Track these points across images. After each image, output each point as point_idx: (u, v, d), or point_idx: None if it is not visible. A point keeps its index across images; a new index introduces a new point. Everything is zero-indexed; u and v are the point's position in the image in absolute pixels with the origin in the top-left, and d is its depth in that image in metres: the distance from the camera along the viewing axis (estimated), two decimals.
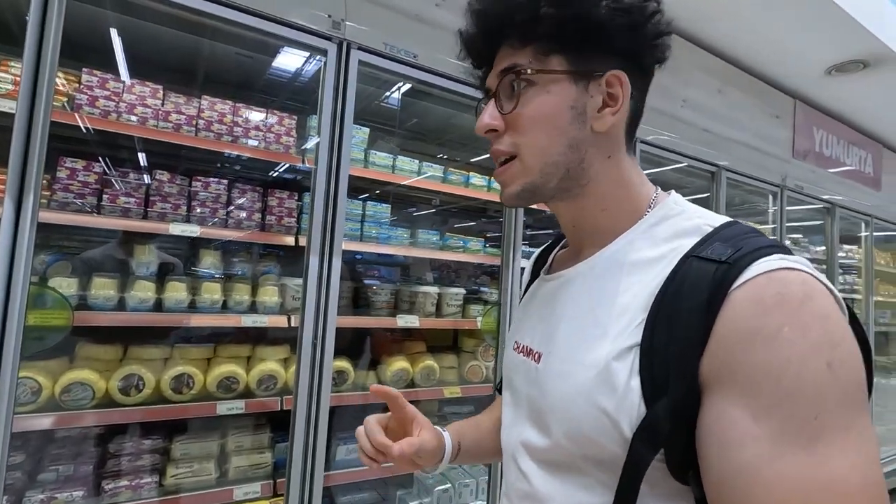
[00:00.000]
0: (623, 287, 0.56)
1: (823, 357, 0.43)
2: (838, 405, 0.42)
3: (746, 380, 0.45)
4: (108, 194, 1.71)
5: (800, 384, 0.43)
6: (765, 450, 0.43)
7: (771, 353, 0.44)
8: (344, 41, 1.76)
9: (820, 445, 0.42)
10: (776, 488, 0.42)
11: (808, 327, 0.44)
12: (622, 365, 0.52)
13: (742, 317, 0.46)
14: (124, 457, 1.74)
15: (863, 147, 4.26)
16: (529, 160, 0.60)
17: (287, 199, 2.01)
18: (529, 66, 0.58)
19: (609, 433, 0.52)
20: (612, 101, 0.59)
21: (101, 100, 1.67)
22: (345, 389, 2.05)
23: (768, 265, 0.47)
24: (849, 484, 0.41)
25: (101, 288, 1.65)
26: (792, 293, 0.45)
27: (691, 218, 0.58)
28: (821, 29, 2.79)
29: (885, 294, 4.73)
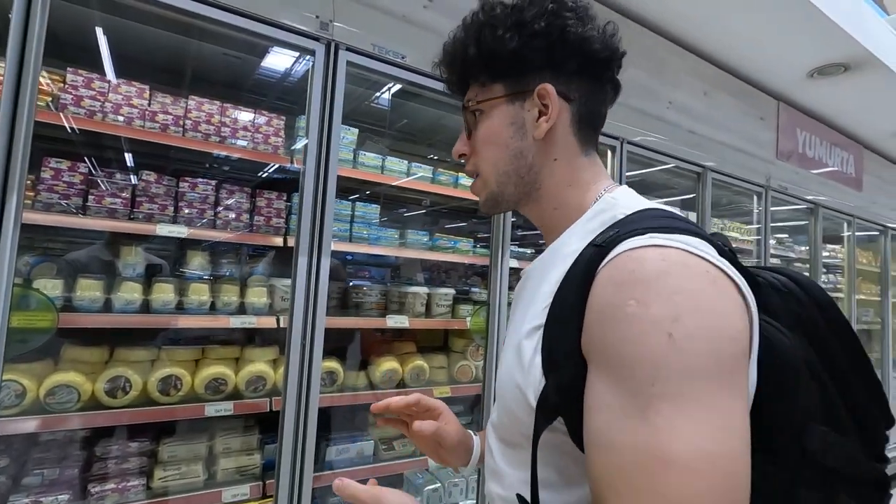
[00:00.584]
0: (547, 278, 0.61)
1: (664, 329, 0.44)
2: (679, 376, 0.43)
3: (601, 352, 0.48)
4: (93, 195, 1.70)
5: (640, 356, 0.45)
6: (611, 416, 0.46)
7: (617, 328, 0.47)
8: (332, 42, 1.76)
9: (654, 413, 0.43)
10: (615, 452, 0.45)
11: (651, 302, 0.45)
12: (529, 343, 0.58)
13: (601, 295, 0.49)
14: (111, 460, 1.72)
15: (844, 148, 4.34)
16: (486, 174, 0.70)
17: (276, 199, 2.00)
18: (476, 96, 0.69)
19: (523, 406, 0.57)
20: (545, 110, 0.66)
21: (87, 99, 1.66)
22: (334, 390, 2.05)
23: (631, 244, 0.50)
24: (675, 450, 0.42)
25: (86, 289, 1.63)
26: (645, 270, 0.47)
27: (617, 208, 0.61)
28: (803, 32, 2.84)
29: (867, 293, 4.82)
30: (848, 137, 4.39)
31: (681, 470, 0.42)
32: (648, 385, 0.44)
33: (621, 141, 2.59)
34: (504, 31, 0.63)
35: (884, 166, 4.92)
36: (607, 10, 2.68)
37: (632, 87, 2.78)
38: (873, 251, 4.94)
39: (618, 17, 2.72)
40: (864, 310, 4.80)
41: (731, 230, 3.60)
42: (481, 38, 0.65)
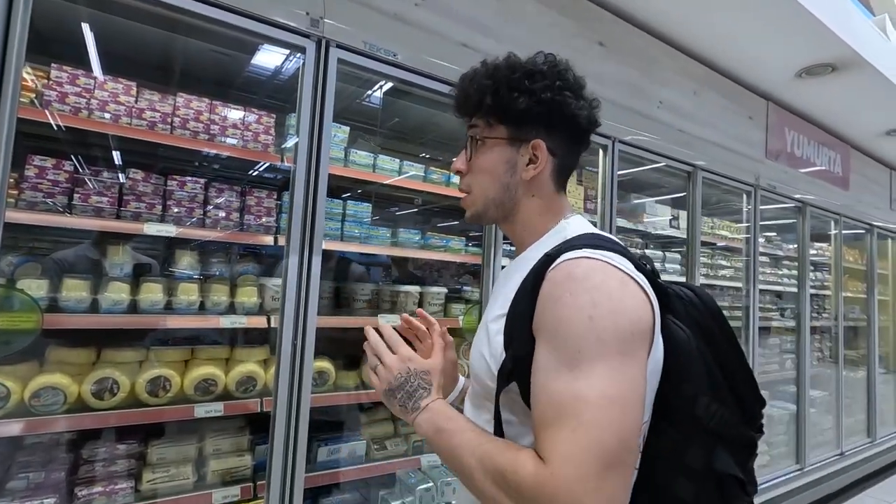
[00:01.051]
0: (513, 279, 0.80)
1: (586, 313, 0.65)
2: (595, 344, 0.64)
3: (544, 329, 0.69)
4: (79, 193, 1.67)
5: (570, 330, 0.66)
6: (549, 373, 0.67)
7: (556, 311, 0.68)
8: (323, 39, 1.75)
9: (578, 370, 0.64)
10: (550, 396, 0.66)
11: (578, 294, 0.66)
12: (495, 326, 0.79)
13: (546, 289, 0.70)
14: (98, 462, 1.69)
15: (832, 148, 4.40)
16: (476, 196, 0.88)
17: (266, 198, 1.98)
18: (482, 131, 0.86)
19: (486, 373, 0.80)
20: (535, 160, 0.84)
21: (72, 96, 1.63)
22: (326, 390, 2.04)
23: (568, 256, 0.71)
24: (588, 395, 0.63)
25: (72, 289, 1.61)
26: (575, 273, 0.69)
27: (566, 232, 0.83)
28: (791, 32, 2.87)
29: (853, 290, 4.89)
30: (835, 137, 4.44)
31: (590, 405, 0.62)
32: (576, 351, 0.65)
33: (612, 140, 2.60)
34: (518, 93, 0.80)
35: (869, 166, 4.99)
36: (601, 9, 2.69)
37: (623, 86, 2.79)
38: (859, 249, 5.01)
39: (610, 17, 2.73)
40: (851, 307, 4.87)
41: (721, 229, 3.63)
42: (500, 92, 0.81)
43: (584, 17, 2.61)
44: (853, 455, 4.28)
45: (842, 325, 4.47)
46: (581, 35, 2.60)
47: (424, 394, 0.82)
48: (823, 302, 4.59)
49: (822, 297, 4.56)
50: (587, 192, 2.80)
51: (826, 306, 4.60)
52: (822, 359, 4.47)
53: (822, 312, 4.53)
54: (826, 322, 4.49)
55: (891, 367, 5.32)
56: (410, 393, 0.82)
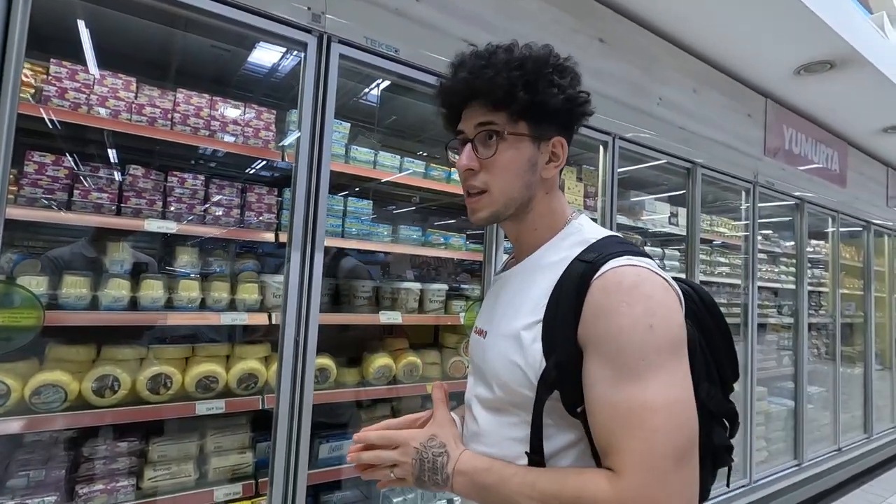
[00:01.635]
0: (536, 283, 0.80)
1: (645, 322, 0.66)
2: (656, 353, 0.66)
3: (600, 340, 0.69)
4: (79, 190, 1.66)
5: (630, 340, 0.66)
6: (610, 385, 0.67)
7: (611, 322, 0.68)
8: (324, 34, 1.74)
9: (642, 380, 0.65)
10: (616, 407, 0.66)
11: (634, 304, 0.67)
12: (528, 333, 0.76)
13: (596, 298, 0.70)
14: (99, 460, 1.69)
15: (829, 145, 4.41)
16: (496, 195, 0.82)
17: (267, 194, 1.97)
18: (504, 126, 0.80)
19: (521, 381, 0.76)
20: (555, 158, 0.84)
21: (71, 92, 1.61)
22: (327, 387, 2.03)
23: (614, 263, 0.71)
24: (655, 402, 0.64)
25: (72, 286, 1.59)
26: (626, 281, 0.69)
27: (583, 234, 0.82)
28: (790, 29, 2.87)
29: (850, 287, 4.92)
30: (833, 134, 4.46)
31: (659, 411, 0.64)
32: (639, 360, 0.66)
33: (613, 137, 2.60)
34: (554, 89, 0.77)
35: (867, 163, 5.01)
36: (602, 6, 2.69)
37: (623, 83, 2.79)
38: (856, 246, 5.03)
39: (611, 14, 2.73)
40: (847, 304, 4.90)
41: (720, 226, 3.64)
42: (536, 86, 0.77)
43: (585, 14, 2.61)
44: (850, 451, 4.31)
45: (839, 321, 4.50)
46: (582, 32, 2.60)
47: (444, 458, 0.78)
48: (820, 299, 4.61)
49: (819, 294, 4.58)
50: (587, 190, 2.80)
51: (823, 303, 4.62)
52: (819, 355, 4.49)
53: (820, 309, 4.55)
54: (823, 319, 4.52)
55: (887, 364, 5.35)
56: (433, 468, 0.78)
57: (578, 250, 0.78)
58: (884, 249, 5.37)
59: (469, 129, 0.82)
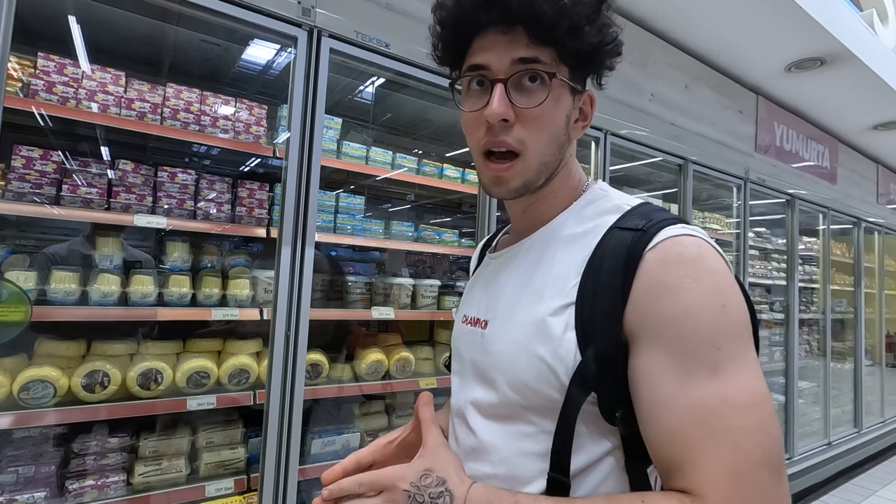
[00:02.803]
0: (557, 258, 0.65)
1: (718, 302, 0.54)
2: (732, 339, 0.53)
3: (660, 325, 0.54)
4: (67, 184, 1.65)
5: (700, 325, 0.53)
6: (679, 380, 0.53)
7: (675, 302, 0.54)
8: (314, 28, 1.74)
9: (720, 371, 0.52)
10: (690, 407, 0.52)
11: (702, 280, 0.54)
12: (558, 320, 0.60)
13: (652, 273, 0.56)
14: (89, 456, 1.68)
15: (820, 142, 4.45)
16: (531, 159, 0.64)
17: (258, 189, 1.97)
18: (553, 68, 0.61)
19: (547, 379, 0.59)
20: (583, 116, 0.69)
21: (59, 86, 1.60)
22: (319, 382, 2.03)
23: (672, 232, 0.57)
24: (740, 397, 0.51)
25: (61, 281, 1.59)
26: (688, 253, 0.56)
27: (612, 200, 0.67)
28: (781, 26, 2.89)
29: (840, 283, 4.96)
30: (823, 131, 4.49)
31: (748, 410, 0.51)
32: (714, 348, 0.52)
33: (605, 132, 2.61)
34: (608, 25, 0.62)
35: (857, 160, 5.05)
36: None
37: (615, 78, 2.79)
38: (847, 243, 5.08)
39: None
40: (838, 300, 4.94)
41: (712, 222, 3.66)
42: (597, 18, 0.60)
43: None
44: (840, 445, 4.35)
45: (829, 317, 4.54)
46: None
47: (447, 499, 0.58)
48: (811, 295, 4.65)
49: (810, 291, 4.62)
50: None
51: (814, 299, 4.66)
52: (810, 351, 4.53)
53: (811, 305, 4.59)
54: (814, 315, 4.56)
55: (877, 359, 5.41)
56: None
57: (609, 218, 0.63)
58: (874, 246, 5.42)
59: (501, 64, 0.61)
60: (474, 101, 0.64)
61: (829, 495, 3.99)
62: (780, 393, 3.98)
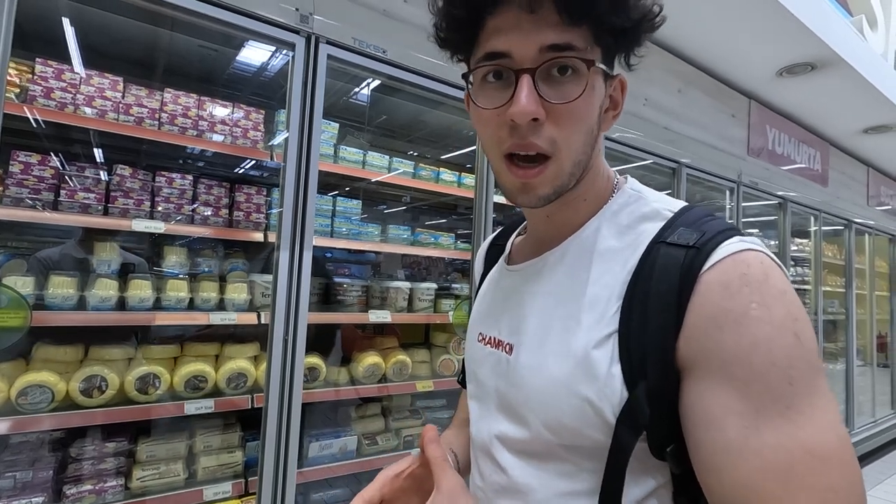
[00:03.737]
0: (593, 277, 0.56)
1: (790, 330, 0.45)
2: (807, 371, 0.45)
3: (724, 359, 0.46)
4: (65, 190, 1.65)
5: (772, 358, 0.45)
6: (748, 423, 0.44)
7: (743, 333, 0.46)
8: (312, 35, 1.75)
9: (795, 411, 0.44)
10: (763, 456, 0.43)
11: (772, 305, 0.46)
12: (602, 353, 0.52)
13: (713, 299, 0.47)
14: (87, 461, 1.68)
15: (811, 145, 4.50)
16: (564, 161, 0.54)
17: (255, 194, 1.98)
18: (588, 53, 0.52)
19: (591, 421, 0.52)
20: (614, 105, 0.60)
21: (57, 91, 1.61)
22: (317, 386, 2.04)
23: (731, 248, 0.48)
24: (827, 444, 0.43)
25: (59, 287, 1.59)
26: (754, 273, 0.47)
27: (649, 203, 0.58)
28: (772, 32, 2.93)
29: (832, 284, 5.01)
30: (815, 135, 4.54)
31: (833, 460, 0.42)
32: (787, 385, 0.44)
33: None
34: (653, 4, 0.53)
35: (848, 163, 5.11)
36: None
37: None
38: (838, 245, 5.13)
39: None
40: (830, 301, 4.99)
41: None
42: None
43: None
44: None
45: (821, 318, 4.58)
46: None
47: None
48: (803, 296, 4.70)
49: (802, 292, 4.66)
50: None
51: (806, 301, 4.71)
52: None
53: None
54: None
55: (868, 360, 5.47)
56: None
57: (651, 227, 0.55)
58: (864, 247, 5.48)
59: (528, 51, 0.51)
60: (493, 96, 0.54)
61: None
62: None
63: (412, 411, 2.50)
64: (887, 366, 5.85)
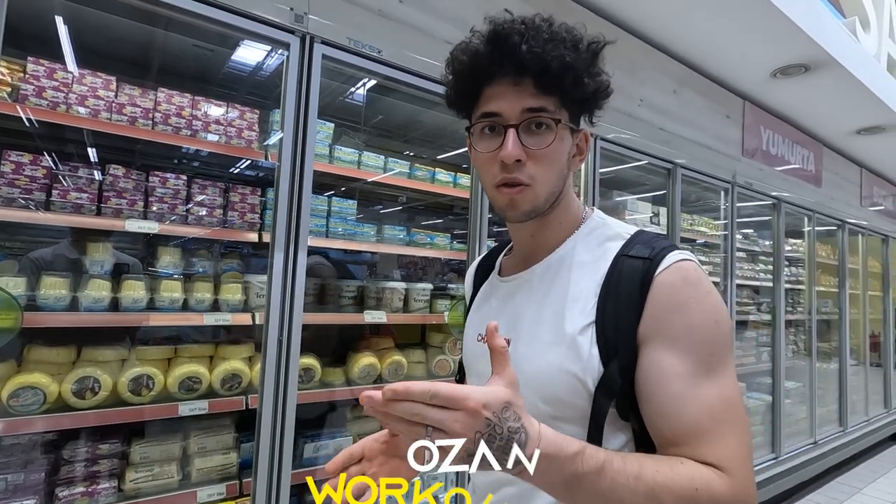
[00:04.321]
0: (573, 282, 0.75)
1: (713, 318, 0.67)
2: (721, 348, 0.67)
3: (672, 335, 0.67)
4: (58, 190, 1.64)
5: (702, 337, 0.66)
6: (688, 380, 0.65)
7: (684, 318, 0.67)
8: (307, 35, 1.74)
9: (714, 374, 0.66)
10: (702, 403, 0.64)
11: (703, 300, 0.68)
12: (584, 338, 0.70)
13: (663, 294, 0.68)
14: (79, 463, 1.67)
15: (805, 146, 4.53)
16: (540, 190, 0.74)
17: (250, 194, 1.97)
18: (556, 115, 0.72)
19: (578, 392, 0.70)
20: (580, 151, 0.80)
21: (49, 90, 1.60)
22: (312, 387, 2.04)
23: (674, 258, 0.70)
24: (733, 394, 0.66)
25: (51, 287, 1.58)
26: (690, 277, 0.69)
27: (612, 228, 0.80)
28: (766, 33, 2.95)
29: (825, 284, 5.05)
30: (808, 136, 4.57)
31: (737, 405, 0.65)
32: (709, 355, 0.66)
33: (595, 137, 2.64)
34: (604, 77, 0.74)
35: (841, 164, 5.15)
36: (582, 8, 2.72)
37: None
38: (832, 245, 5.17)
39: (591, 16, 2.77)
40: (823, 301, 5.02)
41: (700, 225, 3.71)
42: (592, 69, 0.72)
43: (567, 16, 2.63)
44: (826, 444, 4.42)
45: (815, 318, 4.61)
46: None
47: (523, 436, 0.55)
48: (797, 296, 4.72)
49: (796, 292, 4.69)
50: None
51: (800, 300, 4.74)
52: (796, 351, 4.60)
53: (797, 306, 4.66)
54: (800, 316, 4.63)
55: (861, 359, 5.51)
56: (505, 447, 0.54)
57: (614, 245, 0.75)
58: (858, 248, 5.52)
59: (512, 112, 0.71)
60: (488, 143, 0.74)
61: (815, 493, 4.05)
62: (767, 393, 4.03)
63: None
64: (880, 365, 5.90)
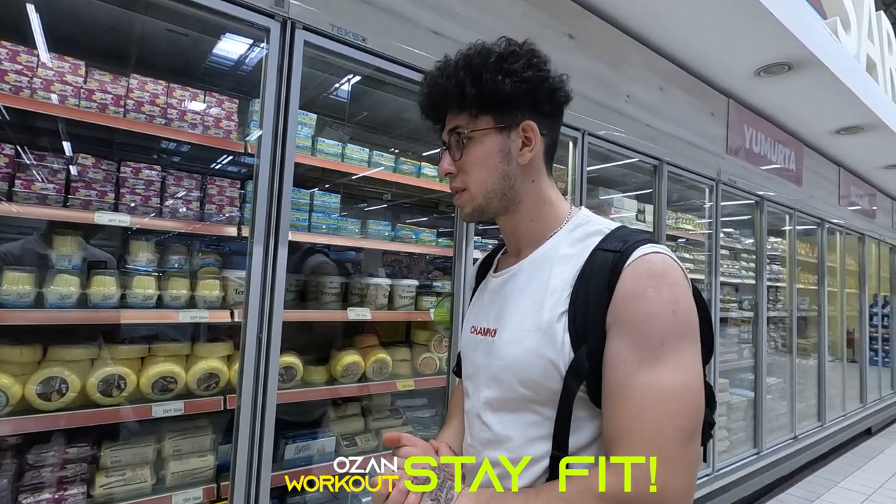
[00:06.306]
0: (554, 274, 0.80)
1: (671, 308, 0.70)
2: (676, 338, 0.69)
3: (626, 323, 0.70)
4: (21, 179, 1.55)
5: (653, 325, 0.69)
6: (631, 368, 0.69)
7: (640, 306, 0.70)
8: (288, 20, 1.68)
9: (661, 362, 0.68)
10: (634, 390, 0.68)
11: (662, 290, 0.70)
12: (559, 325, 0.76)
13: (627, 284, 0.71)
14: (46, 468, 1.58)
15: (787, 145, 4.59)
16: (474, 191, 0.85)
17: (229, 186, 1.90)
18: (466, 127, 0.83)
19: (551, 375, 0.75)
20: (528, 142, 0.84)
21: (12, 74, 1.50)
22: (293, 386, 1.97)
23: (642, 251, 0.73)
24: (673, 384, 0.68)
25: (13, 283, 1.49)
26: (655, 268, 0.72)
27: (596, 224, 0.84)
28: (751, 31, 2.96)
29: (805, 282, 5.13)
30: (789, 135, 4.63)
31: (675, 395, 0.67)
32: (659, 344, 0.68)
33: (583, 133, 2.61)
34: (501, 76, 0.78)
35: (820, 163, 5.24)
36: (570, 2, 2.70)
37: (592, 79, 2.82)
38: (811, 243, 5.26)
39: (579, 10, 2.75)
40: (802, 298, 5.11)
41: (685, 223, 3.73)
42: (482, 79, 0.79)
43: (555, 9, 2.62)
44: (805, 438, 4.50)
45: (795, 315, 4.68)
46: (552, 27, 2.61)
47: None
48: (778, 293, 4.79)
49: (776, 289, 4.76)
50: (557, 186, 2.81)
51: (780, 297, 4.81)
52: (776, 348, 4.67)
53: (777, 303, 4.73)
54: (780, 312, 4.70)
55: (838, 355, 5.62)
56: None
57: (594, 240, 0.79)
58: (836, 246, 5.63)
59: (445, 136, 0.87)
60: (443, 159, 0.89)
61: (795, 487, 4.12)
62: (749, 389, 4.08)
63: (392, 411, 2.45)
64: (856, 361, 6.03)
